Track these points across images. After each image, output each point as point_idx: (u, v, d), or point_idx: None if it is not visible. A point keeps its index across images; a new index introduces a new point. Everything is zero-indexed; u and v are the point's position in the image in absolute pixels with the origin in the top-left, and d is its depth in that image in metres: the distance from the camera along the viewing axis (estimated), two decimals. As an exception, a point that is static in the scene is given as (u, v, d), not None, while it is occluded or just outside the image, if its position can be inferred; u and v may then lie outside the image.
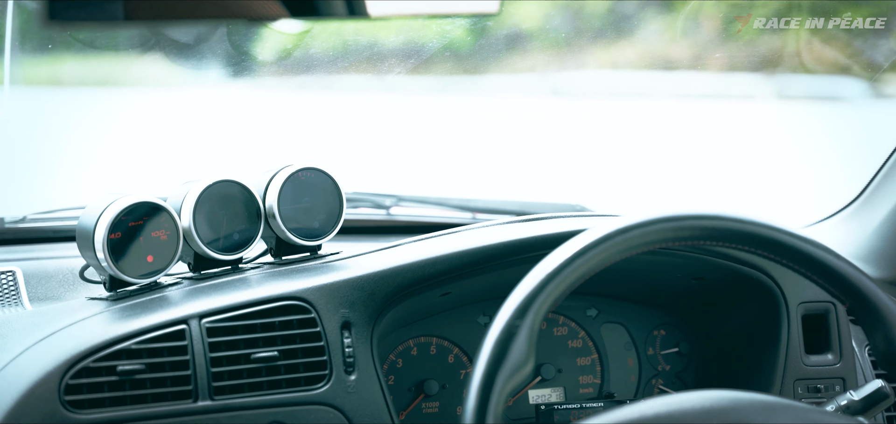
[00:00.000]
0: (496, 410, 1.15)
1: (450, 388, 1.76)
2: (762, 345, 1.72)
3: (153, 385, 1.40)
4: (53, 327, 1.45)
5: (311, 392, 1.47)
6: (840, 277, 1.27)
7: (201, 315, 1.45)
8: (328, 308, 1.51)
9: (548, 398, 1.80)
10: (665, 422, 1.18)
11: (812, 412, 1.23)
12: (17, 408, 1.33)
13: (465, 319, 1.78)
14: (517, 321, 1.18)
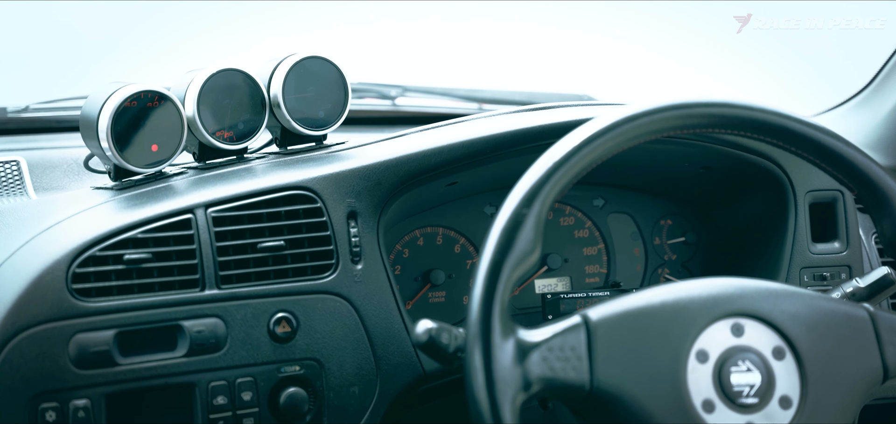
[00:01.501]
0: (502, 299, 1.15)
1: (456, 278, 1.77)
2: (769, 234, 1.72)
3: (160, 273, 1.41)
4: (59, 216, 1.45)
5: (317, 281, 1.47)
6: (849, 164, 1.26)
7: (207, 205, 1.45)
8: (334, 198, 1.51)
9: (554, 287, 1.81)
10: (671, 310, 1.19)
11: (818, 298, 1.23)
12: (25, 296, 1.33)
13: (472, 209, 1.78)
14: (524, 210, 1.17)
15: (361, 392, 1.48)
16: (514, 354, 1.14)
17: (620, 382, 1.16)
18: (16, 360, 1.32)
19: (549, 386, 1.15)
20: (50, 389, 1.33)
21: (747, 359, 1.19)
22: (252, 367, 1.43)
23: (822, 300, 1.22)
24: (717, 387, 1.17)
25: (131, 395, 1.37)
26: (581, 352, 1.16)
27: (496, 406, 1.11)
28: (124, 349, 1.37)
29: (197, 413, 1.40)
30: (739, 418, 1.17)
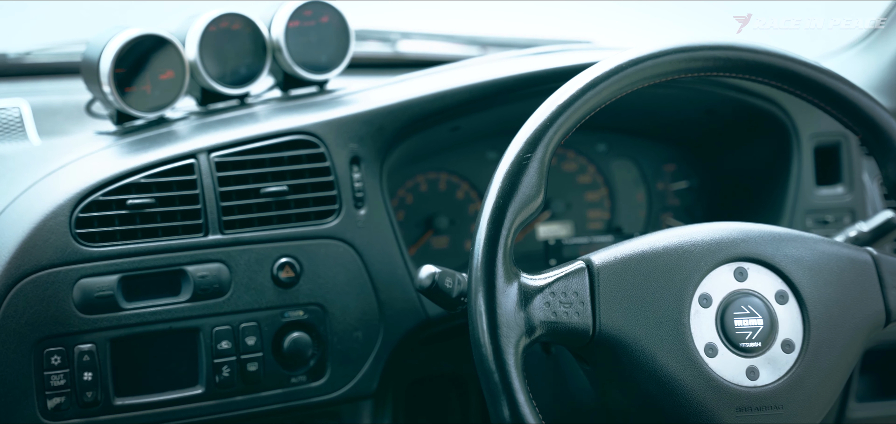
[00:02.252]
0: (506, 243, 1.15)
1: (459, 223, 1.77)
2: (772, 178, 1.72)
3: (163, 218, 1.41)
4: (62, 161, 1.45)
5: (320, 226, 1.48)
6: (854, 107, 1.26)
7: (210, 150, 1.45)
8: (337, 143, 1.50)
9: (556, 233, 1.81)
10: (674, 254, 1.18)
11: (821, 242, 1.23)
12: (29, 241, 1.34)
13: (474, 154, 1.77)
14: (528, 155, 1.17)
15: (365, 337, 1.49)
16: (518, 299, 1.14)
17: (623, 326, 1.16)
18: (20, 305, 1.32)
19: (552, 331, 1.15)
20: (55, 333, 1.34)
21: (750, 303, 1.19)
22: (256, 312, 1.43)
23: (825, 244, 1.22)
24: (719, 331, 1.18)
25: (136, 340, 1.38)
26: (584, 297, 1.16)
27: (500, 350, 1.11)
28: (128, 293, 1.38)
29: (201, 357, 1.41)
30: (742, 362, 1.17)
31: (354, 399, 1.51)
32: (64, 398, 1.34)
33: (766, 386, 1.16)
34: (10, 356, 1.32)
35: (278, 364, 1.44)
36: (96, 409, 1.36)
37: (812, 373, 1.18)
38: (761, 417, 1.15)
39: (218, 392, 1.41)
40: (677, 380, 1.15)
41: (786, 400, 1.16)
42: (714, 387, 1.15)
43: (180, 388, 1.41)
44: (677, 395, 1.15)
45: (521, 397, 1.11)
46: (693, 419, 1.15)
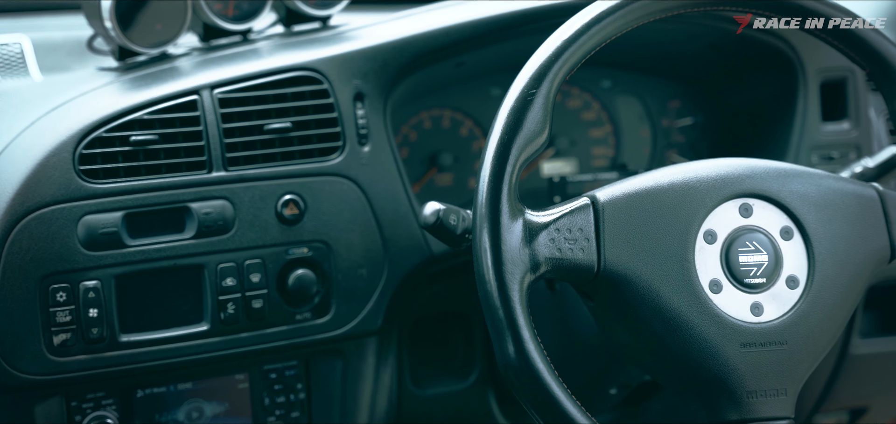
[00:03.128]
0: (511, 180, 1.14)
1: (463, 160, 1.76)
2: (778, 114, 1.71)
3: (167, 155, 1.40)
4: (64, 97, 1.45)
5: (324, 163, 1.47)
6: (861, 41, 1.25)
7: (212, 86, 1.44)
8: (340, 79, 1.49)
9: (560, 170, 1.80)
10: (679, 190, 1.18)
11: (826, 178, 1.22)
12: (32, 178, 1.33)
13: (479, 91, 1.76)
14: (533, 90, 1.16)
15: (369, 274, 1.49)
16: (522, 235, 1.14)
17: (628, 263, 1.16)
18: (25, 241, 1.32)
19: (557, 267, 1.15)
20: (60, 270, 1.34)
21: (755, 239, 1.19)
22: (260, 249, 1.43)
23: (830, 180, 1.22)
24: (724, 267, 1.17)
25: (141, 276, 1.38)
26: (589, 233, 1.16)
27: (504, 286, 1.11)
28: (133, 230, 1.38)
29: (206, 294, 1.42)
30: (746, 298, 1.17)
31: (359, 336, 1.52)
32: (70, 334, 1.35)
33: (770, 322, 1.16)
34: (16, 293, 1.32)
35: (283, 301, 1.45)
36: (102, 346, 1.37)
37: (816, 309, 1.18)
38: (765, 353, 1.15)
39: (223, 329, 1.42)
40: (681, 316, 1.15)
41: (790, 336, 1.16)
42: (718, 323, 1.15)
43: (185, 325, 1.41)
44: (681, 331, 1.15)
45: (526, 333, 1.11)
46: (697, 355, 1.15)
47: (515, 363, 1.11)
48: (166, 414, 1.46)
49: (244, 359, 1.47)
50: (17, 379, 1.34)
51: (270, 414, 1.52)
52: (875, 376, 1.91)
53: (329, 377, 1.53)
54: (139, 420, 1.45)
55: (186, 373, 1.46)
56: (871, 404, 2.01)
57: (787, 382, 1.15)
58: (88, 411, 1.42)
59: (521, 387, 1.12)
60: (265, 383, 1.51)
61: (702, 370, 1.15)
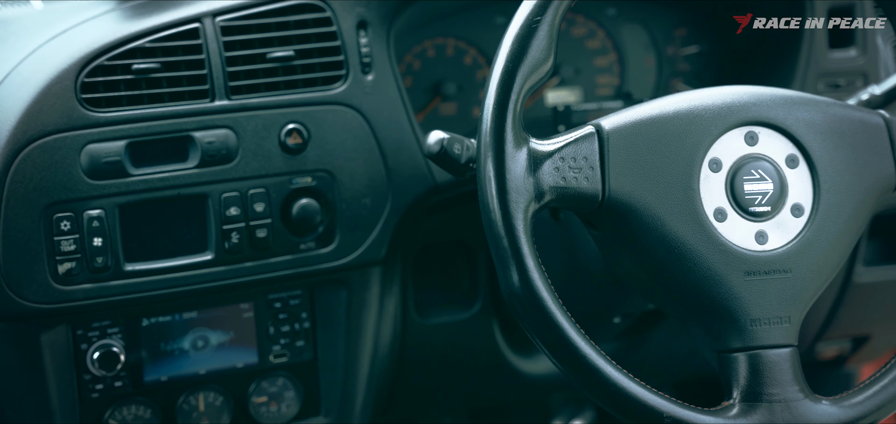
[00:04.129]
0: (515, 108, 1.14)
1: (467, 90, 1.75)
2: (784, 41, 1.70)
3: (169, 83, 1.40)
4: (65, 24, 1.43)
5: (327, 92, 1.46)
6: None
7: (215, 13, 1.43)
8: (343, 7, 1.48)
9: (565, 99, 1.79)
10: (684, 119, 1.17)
11: (833, 105, 1.22)
12: (35, 106, 1.33)
13: (483, 19, 1.75)
14: (538, 18, 1.15)
15: (373, 204, 1.49)
16: (527, 164, 1.13)
17: (632, 191, 1.15)
18: (28, 169, 1.32)
19: (562, 196, 1.15)
20: (63, 199, 1.34)
21: (760, 167, 1.18)
22: (264, 178, 1.43)
23: (836, 107, 1.21)
24: (729, 196, 1.17)
25: (144, 206, 1.38)
26: (593, 162, 1.15)
27: (509, 215, 1.11)
28: (136, 159, 1.38)
29: (210, 224, 1.42)
30: (751, 226, 1.17)
31: (363, 266, 1.52)
32: (75, 263, 1.35)
33: (774, 250, 1.16)
34: (20, 221, 1.32)
35: (287, 231, 1.45)
36: (107, 274, 1.37)
37: (821, 237, 1.18)
38: (769, 281, 1.15)
39: (227, 258, 1.42)
40: (686, 245, 1.15)
41: (794, 264, 1.16)
42: (722, 251, 1.15)
43: (189, 254, 1.42)
44: (686, 260, 1.15)
45: (530, 262, 1.11)
46: (701, 283, 1.16)
47: (519, 292, 1.11)
48: (171, 343, 1.47)
49: (249, 288, 1.47)
50: (23, 308, 1.34)
51: (275, 343, 1.52)
52: (878, 304, 1.92)
53: (333, 306, 1.54)
54: (144, 349, 1.46)
55: (191, 302, 1.47)
56: (873, 332, 2.02)
57: (790, 310, 1.16)
58: (94, 339, 1.43)
59: (524, 316, 1.12)
60: (270, 312, 1.51)
61: (706, 298, 1.16)
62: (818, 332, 1.94)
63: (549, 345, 1.12)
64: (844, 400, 1.15)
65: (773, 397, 1.13)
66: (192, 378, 1.49)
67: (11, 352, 1.40)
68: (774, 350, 1.14)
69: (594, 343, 1.12)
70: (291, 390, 1.55)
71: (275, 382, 1.54)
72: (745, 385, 1.14)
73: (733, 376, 1.15)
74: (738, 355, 1.15)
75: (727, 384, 1.16)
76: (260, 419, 1.54)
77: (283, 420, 1.55)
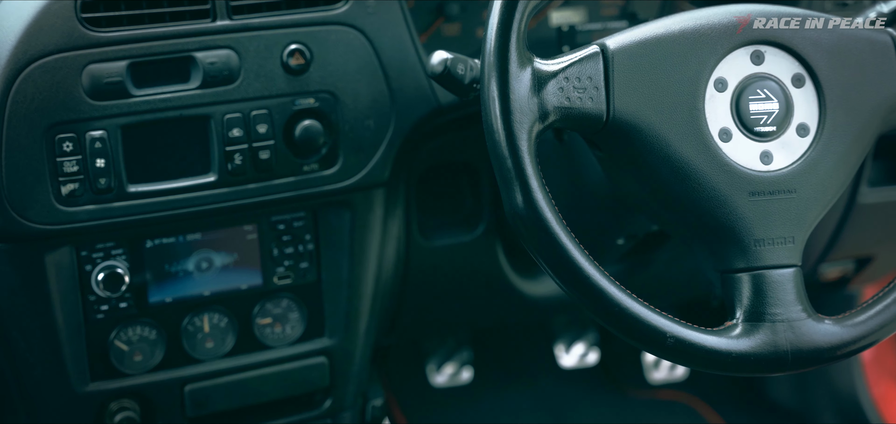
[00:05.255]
0: (519, 28, 1.13)
1: (470, 10, 1.73)
2: None
3: (170, 3, 1.38)
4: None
5: (330, 12, 1.45)
6: None
7: None
8: None
9: (569, 19, 1.78)
10: (690, 38, 1.17)
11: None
12: (35, 25, 1.32)
13: (487, -62, 1.73)
14: None
15: (376, 125, 1.49)
16: (531, 84, 1.13)
17: (637, 111, 1.15)
18: (29, 90, 1.32)
19: (566, 116, 1.14)
20: (65, 120, 1.33)
21: (766, 87, 1.17)
22: (266, 99, 1.42)
23: (843, 26, 1.20)
24: (734, 115, 1.17)
25: (147, 127, 1.38)
26: (598, 81, 1.15)
27: (513, 136, 1.11)
28: (137, 80, 1.37)
29: (212, 145, 1.41)
30: (756, 146, 1.16)
31: (367, 188, 1.52)
32: (78, 184, 1.35)
33: (779, 170, 1.16)
34: (22, 142, 1.32)
35: (290, 152, 1.45)
36: (110, 196, 1.37)
37: (826, 157, 1.17)
38: (774, 201, 1.15)
39: (230, 180, 1.42)
40: (690, 165, 1.15)
41: (799, 184, 1.16)
42: (727, 172, 1.15)
43: (193, 176, 1.41)
44: (690, 180, 1.15)
45: (534, 183, 1.11)
46: (706, 204, 1.15)
47: (523, 212, 1.11)
48: (175, 264, 1.48)
49: (252, 210, 1.47)
50: (27, 229, 1.35)
51: (279, 265, 1.53)
52: (882, 225, 1.92)
53: (337, 228, 1.54)
54: (149, 270, 1.47)
55: (195, 224, 1.47)
56: (877, 253, 2.02)
57: (795, 230, 1.16)
58: (98, 260, 1.43)
59: (528, 236, 1.12)
60: (274, 234, 1.52)
61: (710, 218, 1.16)
62: (822, 253, 1.95)
63: (552, 266, 1.12)
64: (847, 320, 1.16)
65: (776, 317, 1.13)
66: (196, 299, 1.50)
67: (16, 273, 1.40)
68: (778, 271, 1.15)
69: (598, 264, 1.12)
70: (295, 311, 1.56)
71: (279, 303, 1.55)
72: (749, 305, 1.14)
73: (736, 296, 1.16)
74: (742, 275, 1.15)
75: (730, 304, 1.16)
76: (264, 340, 1.55)
77: (288, 341, 1.56)
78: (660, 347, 1.13)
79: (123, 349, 1.48)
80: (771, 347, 1.13)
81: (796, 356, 1.13)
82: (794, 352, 1.13)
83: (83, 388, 1.47)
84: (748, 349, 1.13)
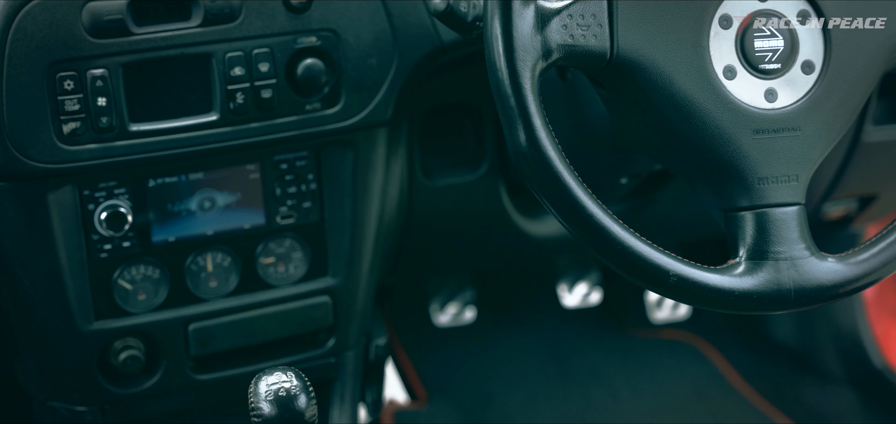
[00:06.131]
0: None
1: None
2: None
3: None
4: None
5: None
6: None
7: None
8: None
9: None
10: None
11: None
12: None
13: None
14: None
15: (379, 64, 1.48)
16: (534, 22, 1.12)
17: (641, 49, 1.14)
18: (29, 28, 1.31)
19: (570, 54, 1.14)
20: (66, 58, 1.33)
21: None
22: (268, 38, 1.41)
23: None
24: (738, 53, 1.16)
25: (148, 65, 1.37)
26: (602, 19, 1.14)
27: (516, 74, 1.10)
28: (138, 18, 1.36)
29: (214, 84, 1.41)
30: (760, 84, 1.16)
31: (369, 127, 1.51)
32: (79, 123, 1.35)
33: (784, 108, 1.16)
34: (23, 80, 1.32)
35: (292, 91, 1.44)
36: (112, 135, 1.37)
37: (831, 95, 1.17)
38: (778, 139, 1.15)
39: (232, 119, 1.42)
40: (695, 103, 1.14)
41: (803, 122, 1.16)
42: (732, 109, 1.14)
43: (195, 115, 1.41)
44: (694, 118, 1.15)
45: (538, 121, 1.10)
46: (710, 142, 1.15)
47: (526, 151, 1.11)
48: (178, 203, 1.48)
49: (255, 149, 1.47)
50: (29, 168, 1.35)
51: (282, 204, 1.53)
52: (886, 163, 1.92)
53: (340, 167, 1.54)
54: (152, 210, 1.47)
55: (197, 163, 1.47)
56: (880, 191, 2.02)
57: (798, 168, 1.15)
58: (101, 200, 1.43)
59: (531, 175, 1.12)
60: (276, 173, 1.51)
61: (714, 157, 1.15)
62: (825, 192, 1.94)
63: (555, 204, 1.12)
64: (850, 258, 1.16)
65: (779, 255, 1.13)
66: (199, 238, 1.50)
67: (19, 212, 1.40)
68: (781, 209, 1.15)
69: (601, 203, 1.12)
70: (299, 251, 1.56)
71: (282, 243, 1.55)
72: (752, 243, 1.14)
73: (740, 234, 1.16)
74: (745, 213, 1.15)
75: (733, 242, 1.16)
76: (268, 279, 1.55)
77: (291, 280, 1.57)
78: (663, 285, 1.13)
79: (127, 288, 1.48)
80: (774, 285, 1.13)
81: (799, 294, 1.13)
82: (797, 290, 1.13)
83: (87, 327, 1.47)
84: (751, 287, 1.13)
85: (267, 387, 1.12)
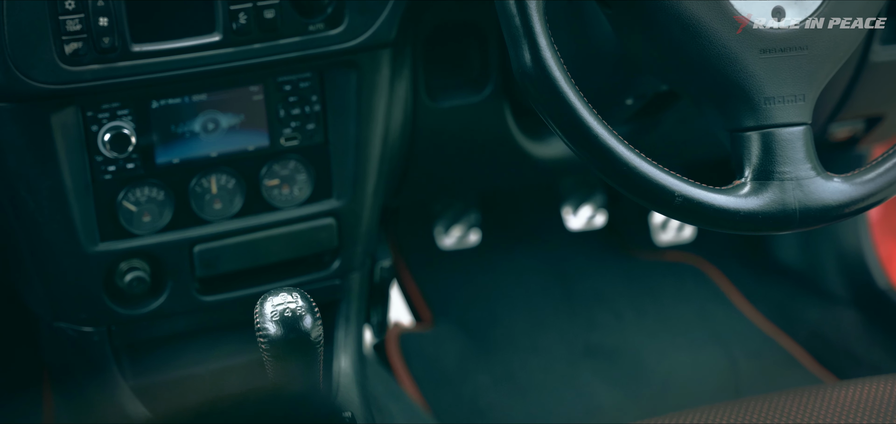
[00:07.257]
0: None
1: None
2: None
3: None
4: None
5: None
6: None
7: None
8: None
9: None
10: None
11: None
12: None
13: None
14: None
15: None
16: None
17: None
18: (29, -53, 1.30)
19: None
20: None
21: None
22: None
23: None
24: None
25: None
26: None
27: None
28: None
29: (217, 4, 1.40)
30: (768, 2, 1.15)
31: (373, 48, 1.50)
32: (81, 43, 1.34)
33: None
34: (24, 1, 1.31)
35: (295, 11, 1.43)
36: (114, 55, 1.36)
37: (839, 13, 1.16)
38: (785, 58, 1.14)
39: (235, 40, 1.41)
40: (701, 22, 1.13)
41: (810, 41, 1.15)
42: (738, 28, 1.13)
43: (197, 35, 1.40)
44: (701, 37, 1.14)
45: (543, 41, 1.10)
46: (716, 61, 1.14)
47: (531, 71, 1.10)
48: (182, 125, 1.47)
49: (258, 70, 1.46)
50: (32, 88, 1.34)
51: (286, 126, 1.52)
52: (893, 83, 1.91)
53: (344, 89, 1.53)
54: (155, 131, 1.47)
55: (200, 85, 1.46)
56: (887, 112, 2.01)
57: (805, 87, 1.15)
58: (104, 121, 1.43)
59: (536, 95, 1.11)
60: (280, 95, 1.51)
61: (720, 76, 1.15)
62: (832, 112, 1.94)
63: (560, 125, 1.11)
64: (856, 178, 1.15)
65: (784, 175, 1.13)
66: (203, 160, 1.50)
67: (22, 133, 1.40)
68: (787, 129, 1.14)
69: (607, 124, 1.11)
70: (303, 172, 1.56)
71: (286, 165, 1.55)
72: (757, 163, 1.14)
73: (745, 155, 1.15)
74: (751, 134, 1.15)
75: (739, 163, 1.16)
76: (272, 201, 1.55)
77: (296, 202, 1.57)
78: (668, 206, 1.13)
79: (132, 210, 1.48)
80: (779, 204, 1.13)
81: (804, 214, 1.13)
82: (803, 210, 1.13)
83: (93, 248, 1.48)
84: (756, 206, 1.13)
85: (272, 308, 1.12)
